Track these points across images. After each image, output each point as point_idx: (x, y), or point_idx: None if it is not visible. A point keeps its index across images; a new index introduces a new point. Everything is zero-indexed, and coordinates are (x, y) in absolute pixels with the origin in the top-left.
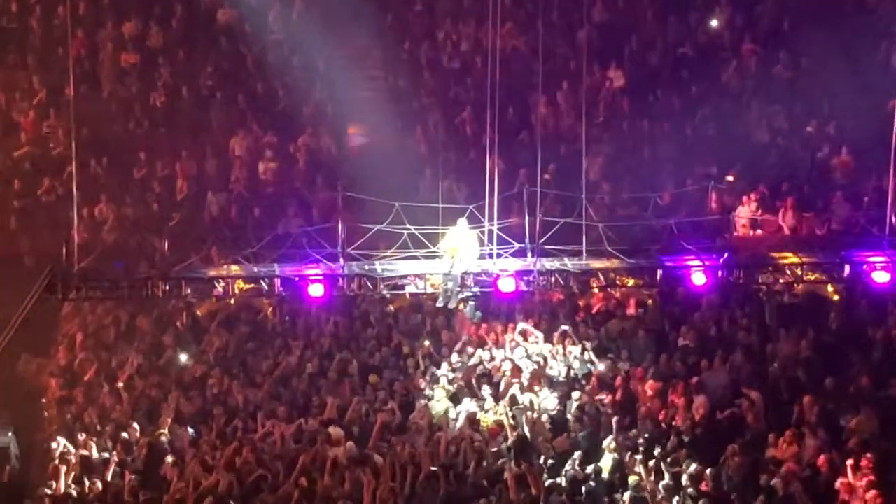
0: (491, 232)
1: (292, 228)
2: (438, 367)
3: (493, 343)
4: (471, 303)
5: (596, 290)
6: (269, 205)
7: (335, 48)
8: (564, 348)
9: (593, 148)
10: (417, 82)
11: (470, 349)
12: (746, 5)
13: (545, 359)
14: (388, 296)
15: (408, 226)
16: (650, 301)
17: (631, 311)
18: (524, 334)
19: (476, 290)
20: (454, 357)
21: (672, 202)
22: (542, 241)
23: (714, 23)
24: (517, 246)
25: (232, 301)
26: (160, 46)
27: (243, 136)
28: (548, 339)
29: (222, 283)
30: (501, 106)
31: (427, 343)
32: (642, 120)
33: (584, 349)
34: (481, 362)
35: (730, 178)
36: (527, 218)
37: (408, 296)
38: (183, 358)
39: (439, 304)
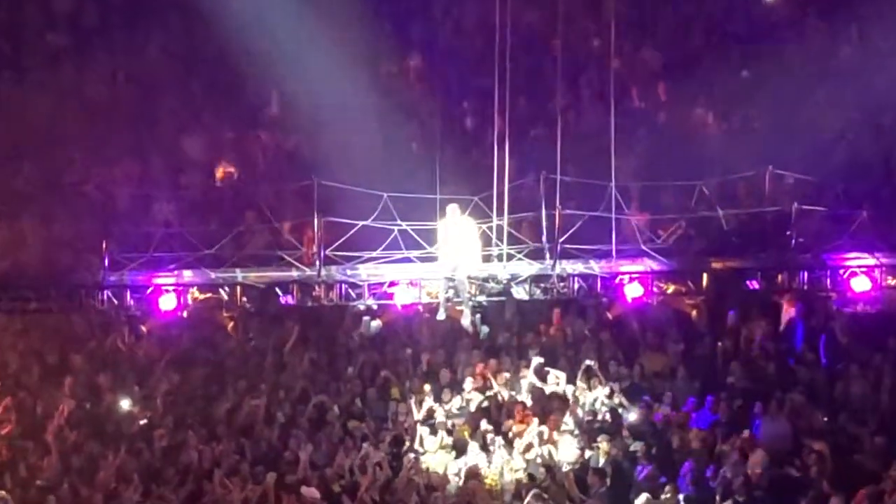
0: (500, 228)
1: (257, 225)
2: (434, 413)
3: (503, 383)
4: (477, 315)
5: (629, 299)
6: (227, 213)
7: (310, 28)
8: (589, 388)
9: (623, 144)
10: (408, 67)
11: (474, 389)
12: None
13: (566, 401)
14: (374, 307)
15: (399, 222)
16: (695, 312)
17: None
18: (540, 373)
19: (482, 299)
20: (455, 401)
21: (722, 192)
22: (562, 239)
23: None
24: (532, 245)
25: (185, 315)
26: (96, 25)
27: (197, 133)
28: (570, 379)
29: (173, 292)
30: (511, 94)
31: (426, 386)
32: (682, 110)
33: (612, 392)
34: (488, 405)
35: None
36: (544, 211)
37: (399, 307)
38: (125, 404)
39: (440, 316)
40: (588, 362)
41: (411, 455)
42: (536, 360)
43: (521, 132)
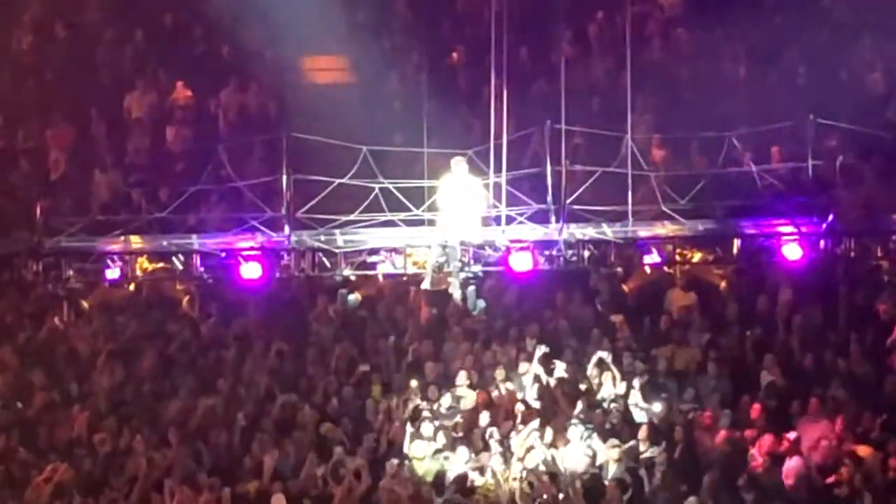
0: (498, 187)
1: (216, 184)
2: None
3: (501, 378)
4: (470, 288)
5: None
6: (179, 183)
7: None
8: (601, 383)
9: (639, 102)
10: (389, 13)
11: (466, 384)
12: None
13: (574, 398)
14: (352, 278)
15: (380, 179)
16: (723, 284)
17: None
18: (546, 363)
19: (478, 269)
20: (445, 398)
21: (753, 147)
22: (570, 199)
23: None
24: (535, 207)
25: (132, 287)
26: None
27: (144, 90)
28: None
29: (119, 262)
30: (510, 44)
31: (412, 382)
32: (707, 62)
33: (629, 388)
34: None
35: None
36: (548, 167)
37: (381, 278)
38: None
39: (425, 285)
40: (600, 354)
41: (394, 461)
42: (540, 350)
43: (521, 88)
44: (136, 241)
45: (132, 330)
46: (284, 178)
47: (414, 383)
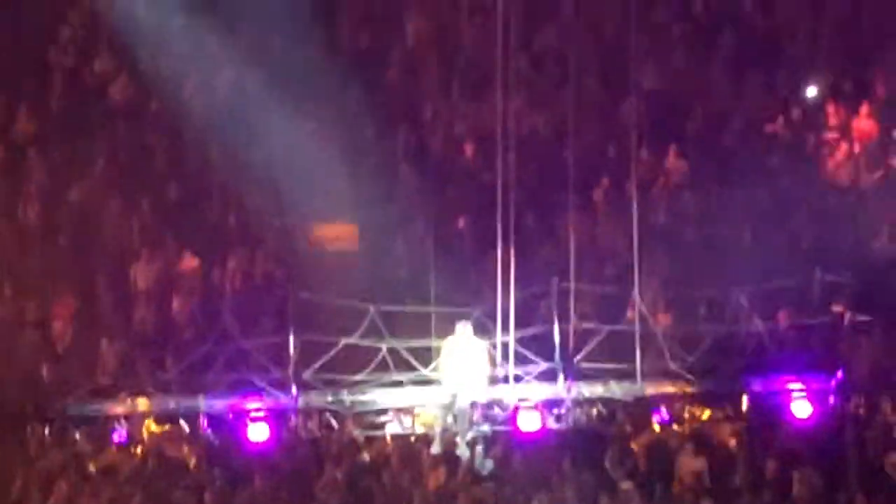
0: (506, 346)
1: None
2: None
3: None
4: (478, 448)
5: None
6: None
7: (281, 132)
8: None
9: (646, 267)
10: (395, 179)
11: None
12: (857, 60)
13: None
14: (360, 439)
15: (388, 339)
16: (733, 442)
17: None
18: None
19: (486, 428)
20: None
21: (760, 304)
22: (578, 357)
23: (813, 90)
24: (543, 365)
25: (139, 451)
26: (31, 134)
27: (148, 259)
28: None
29: (126, 425)
30: (517, 211)
31: None
32: (713, 225)
33: None
34: None
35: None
36: (556, 325)
37: (388, 439)
38: None
39: (435, 448)
40: None
41: None
42: None
43: (527, 251)
44: (142, 404)
45: (138, 499)
46: (291, 337)
47: None
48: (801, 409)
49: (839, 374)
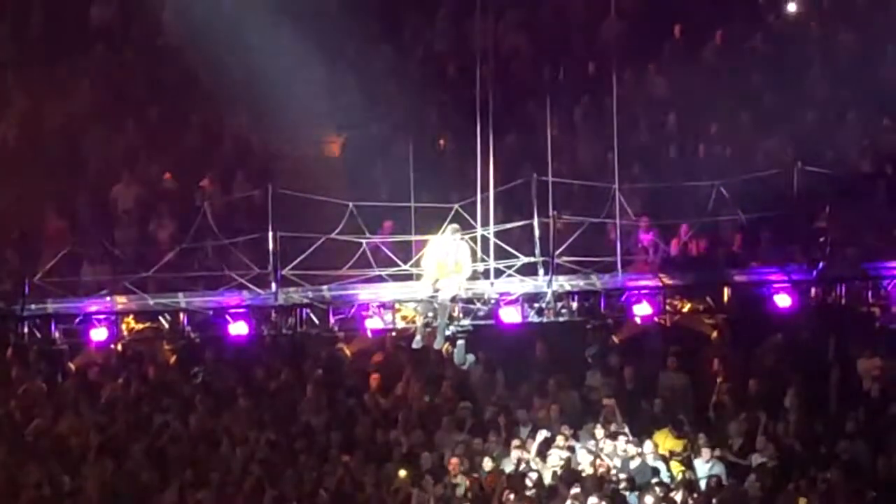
0: (485, 240)
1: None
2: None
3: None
4: (459, 342)
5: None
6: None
7: (263, 55)
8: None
9: (627, 185)
10: (377, 93)
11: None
12: None
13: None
14: (340, 335)
15: (368, 235)
16: (715, 334)
17: None
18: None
19: (467, 323)
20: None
21: (742, 194)
22: (559, 251)
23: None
24: (524, 259)
25: (119, 347)
26: (12, 58)
27: (131, 180)
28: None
29: (105, 322)
30: (496, 131)
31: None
32: (695, 143)
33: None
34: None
35: None
36: (536, 219)
37: (369, 334)
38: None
39: (416, 344)
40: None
41: None
42: (543, 433)
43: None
44: (121, 301)
45: (122, 422)
46: (271, 234)
47: (403, 473)
48: (783, 300)
49: (821, 265)
